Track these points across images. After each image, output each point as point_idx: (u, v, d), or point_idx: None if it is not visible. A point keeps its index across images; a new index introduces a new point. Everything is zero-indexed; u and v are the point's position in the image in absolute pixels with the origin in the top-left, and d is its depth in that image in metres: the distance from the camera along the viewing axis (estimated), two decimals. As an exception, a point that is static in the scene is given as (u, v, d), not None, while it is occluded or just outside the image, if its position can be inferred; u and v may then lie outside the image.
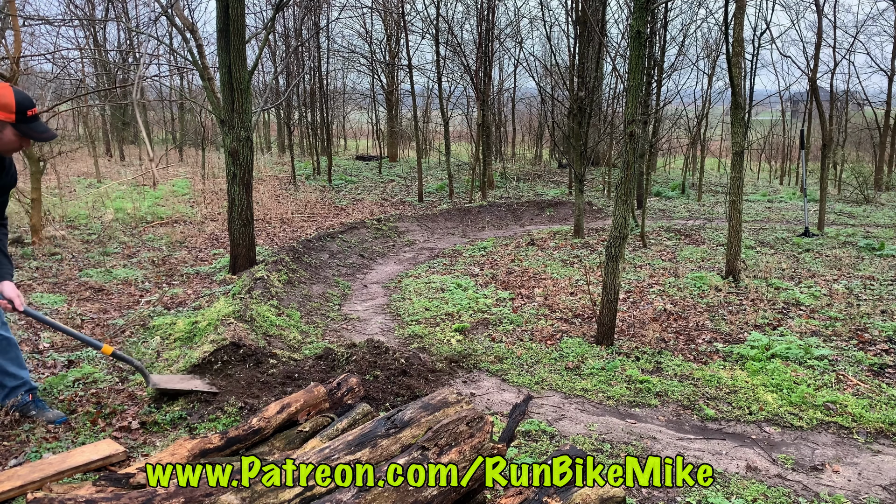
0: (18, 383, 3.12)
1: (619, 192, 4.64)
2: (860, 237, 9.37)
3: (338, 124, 24.63)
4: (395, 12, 16.66)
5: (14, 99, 2.66)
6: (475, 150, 14.01)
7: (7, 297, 2.87)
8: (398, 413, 2.41)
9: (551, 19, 26.76)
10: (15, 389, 3.11)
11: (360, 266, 8.26)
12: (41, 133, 2.76)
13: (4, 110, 2.65)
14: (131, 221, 9.38)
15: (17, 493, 2.48)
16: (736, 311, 5.75)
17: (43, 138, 2.77)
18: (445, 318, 5.64)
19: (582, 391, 4.01)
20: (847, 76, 29.87)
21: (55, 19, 10.40)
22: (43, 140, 2.80)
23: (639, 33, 4.44)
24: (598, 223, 11.55)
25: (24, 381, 3.15)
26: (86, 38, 16.75)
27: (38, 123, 2.76)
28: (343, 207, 12.22)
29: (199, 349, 4.09)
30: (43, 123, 2.82)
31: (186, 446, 2.64)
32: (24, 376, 3.15)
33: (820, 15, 10.72)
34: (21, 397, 3.12)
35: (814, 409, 3.71)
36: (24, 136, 2.74)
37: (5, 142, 2.71)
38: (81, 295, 5.78)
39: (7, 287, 2.88)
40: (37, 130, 2.75)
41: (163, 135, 22.37)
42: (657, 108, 11.80)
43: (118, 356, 3.31)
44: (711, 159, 23.10)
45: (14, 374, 3.10)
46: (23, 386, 3.14)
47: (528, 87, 28.99)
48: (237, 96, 6.22)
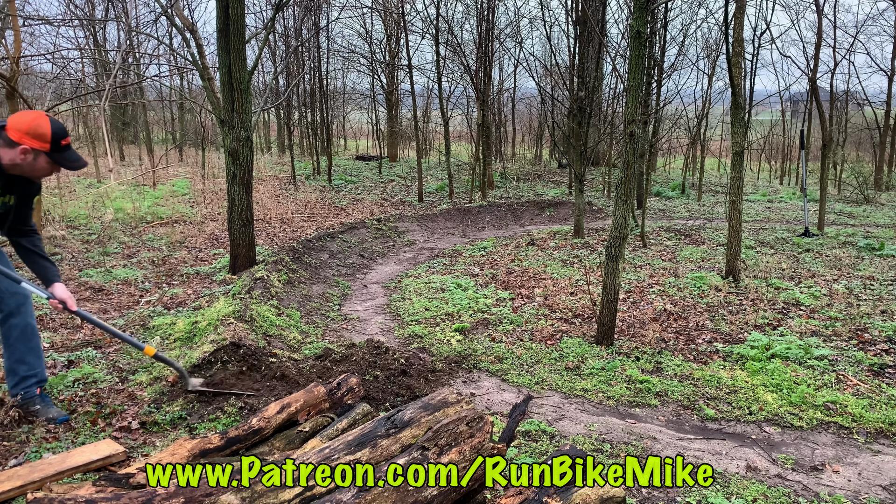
0: (31, 373, 3.14)
1: (619, 192, 4.64)
2: (860, 237, 9.37)
3: (338, 124, 24.63)
4: (395, 12, 16.66)
5: (50, 129, 2.77)
6: (475, 150, 14.01)
7: (59, 297, 2.98)
8: (398, 413, 2.41)
9: (551, 19, 26.78)
10: (26, 379, 3.13)
11: (360, 266, 8.26)
12: (73, 162, 2.89)
13: (41, 140, 2.76)
14: (131, 221, 9.38)
15: (17, 493, 2.48)
16: (736, 311, 5.75)
17: (73, 167, 2.90)
18: (445, 318, 5.64)
19: (582, 391, 4.01)
20: (847, 76, 29.84)
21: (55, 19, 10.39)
22: (73, 169, 2.92)
23: (639, 33, 4.44)
24: (598, 223, 11.55)
25: (36, 372, 3.16)
26: (86, 38, 16.74)
27: (71, 152, 2.89)
28: (343, 207, 12.22)
29: (199, 349, 4.09)
30: (74, 152, 2.93)
31: (186, 446, 2.64)
32: (39, 368, 3.18)
33: (820, 15, 10.71)
34: (29, 389, 3.14)
35: (814, 409, 3.71)
36: (56, 164, 2.85)
37: (38, 168, 2.83)
38: (81, 295, 5.78)
39: (59, 288, 3.00)
40: (69, 159, 2.88)
41: (163, 135, 22.36)
42: (657, 108, 11.80)
43: (160, 358, 3.39)
44: (711, 159, 23.10)
45: (30, 363, 3.13)
46: (34, 377, 3.15)
47: (528, 87, 29.00)
48: (237, 96, 6.22)
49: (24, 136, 2.73)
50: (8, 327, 3.06)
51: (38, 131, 2.75)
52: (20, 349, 3.10)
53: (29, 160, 2.78)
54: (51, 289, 2.99)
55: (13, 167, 2.79)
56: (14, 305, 3.04)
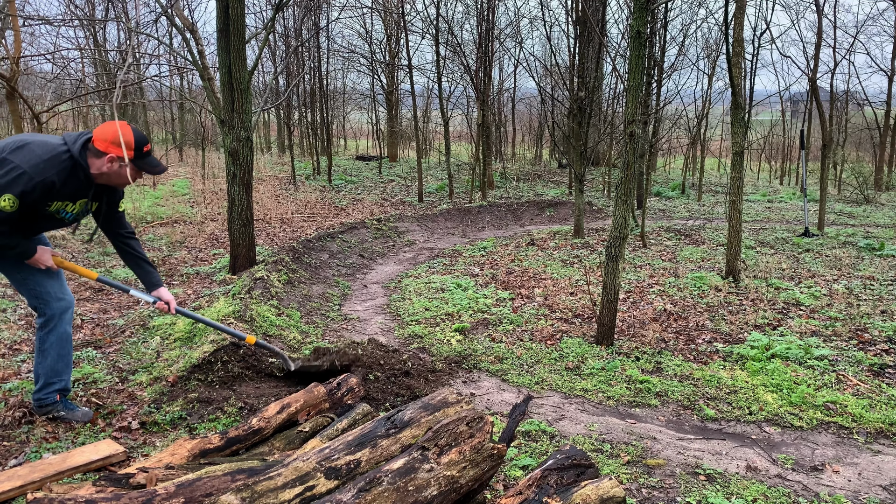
0: (55, 380, 3.16)
1: (619, 192, 4.64)
2: (860, 237, 9.37)
3: (338, 124, 24.62)
4: (395, 12, 16.65)
5: (134, 138, 2.87)
6: (475, 150, 14.01)
7: (165, 300, 3.20)
8: (398, 413, 2.41)
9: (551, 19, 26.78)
10: (49, 385, 3.15)
11: (360, 266, 8.26)
12: (154, 167, 2.99)
13: (126, 148, 2.86)
14: (131, 221, 9.39)
15: (17, 493, 2.48)
16: (736, 311, 5.75)
17: (156, 171, 3.01)
18: (445, 318, 5.64)
19: (582, 391, 4.01)
20: (847, 76, 29.83)
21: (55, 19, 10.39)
22: (156, 173, 3.03)
23: (639, 33, 4.44)
24: (598, 223, 11.55)
25: (62, 379, 3.18)
26: (86, 38, 16.74)
27: (152, 158, 3.00)
28: (343, 207, 12.22)
29: (199, 349, 4.09)
30: (155, 158, 3.04)
31: (186, 446, 2.64)
32: (66, 376, 3.20)
33: (820, 15, 10.72)
34: (49, 395, 3.15)
35: (814, 410, 3.71)
36: (140, 170, 2.96)
37: (123, 175, 2.92)
38: (82, 295, 5.78)
39: (163, 292, 3.23)
40: (151, 165, 2.97)
41: (163, 135, 22.35)
42: (657, 108, 11.80)
43: (261, 345, 3.60)
44: (711, 159, 23.10)
45: (58, 370, 3.15)
46: (57, 384, 3.17)
47: (528, 87, 29.00)
48: (237, 96, 6.22)
49: (110, 146, 2.84)
50: (46, 332, 3.10)
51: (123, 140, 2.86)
52: (52, 355, 3.12)
53: (115, 168, 2.88)
54: (156, 292, 3.21)
55: (100, 176, 2.90)
56: (58, 311, 3.09)
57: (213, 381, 3.62)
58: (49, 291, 3.07)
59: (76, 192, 2.89)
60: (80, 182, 2.87)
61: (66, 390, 3.22)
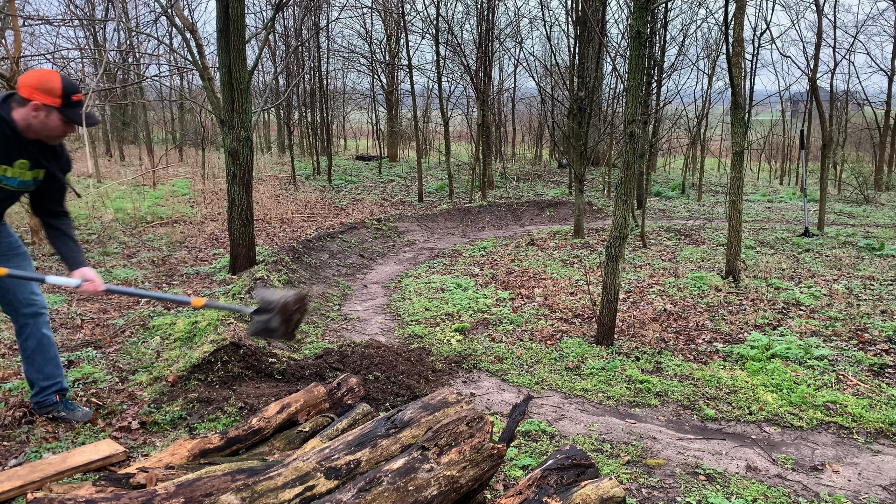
0: (51, 383, 3.15)
1: (619, 192, 4.64)
2: (860, 237, 9.37)
3: (338, 124, 24.63)
4: (395, 12, 16.66)
5: (60, 84, 2.67)
6: (475, 150, 14.01)
7: (89, 278, 2.87)
8: (398, 413, 2.41)
9: (551, 19, 26.74)
10: (45, 389, 3.14)
11: (359, 266, 8.26)
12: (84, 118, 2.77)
13: (51, 94, 2.66)
14: (131, 221, 9.38)
15: (17, 493, 2.48)
16: (736, 311, 5.75)
17: (87, 124, 2.77)
18: (445, 318, 5.64)
19: (582, 391, 4.01)
20: (847, 76, 29.83)
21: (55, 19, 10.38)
22: (88, 125, 2.80)
23: (639, 33, 4.44)
24: (598, 223, 11.55)
25: (56, 381, 3.17)
26: (86, 38, 16.74)
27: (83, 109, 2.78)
28: (343, 207, 12.22)
29: (199, 349, 4.09)
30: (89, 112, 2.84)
31: (186, 446, 2.64)
32: (59, 377, 3.18)
33: (820, 15, 10.72)
34: (48, 397, 3.15)
35: (814, 409, 3.71)
36: (69, 120, 2.74)
37: (51, 127, 2.72)
38: (81, 295, 5.77)
39: (87, 270, 2.90)
40: (80, 116, 2.75)
41: (163, 135, 22.36)
42: (657, 108, 11.80)
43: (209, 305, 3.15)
44: (711, 159, 23.10)
45: (48, 373, 3.13)
46: (53, 386, 3.16)
47: (528, 87, 28.99)
48: (237, 96, 6.22)
49: (34, 92, 2.64)
50: (24, 339, 3.07)
51: (47, 86, 2.67)
52: (38, 360, 3.10)
53: (41, 118, 2.68)
54: (78, 272, 2.88)
55: (28, 129, 2.70)
56: (29, 316, 3.04)
57: (213, 380, 3.62)
58: (19, 298, 2.99)
59: (8, 152, 2.69)
60: (8, 138, 2.67)
61: (64, 390, 3.22)
